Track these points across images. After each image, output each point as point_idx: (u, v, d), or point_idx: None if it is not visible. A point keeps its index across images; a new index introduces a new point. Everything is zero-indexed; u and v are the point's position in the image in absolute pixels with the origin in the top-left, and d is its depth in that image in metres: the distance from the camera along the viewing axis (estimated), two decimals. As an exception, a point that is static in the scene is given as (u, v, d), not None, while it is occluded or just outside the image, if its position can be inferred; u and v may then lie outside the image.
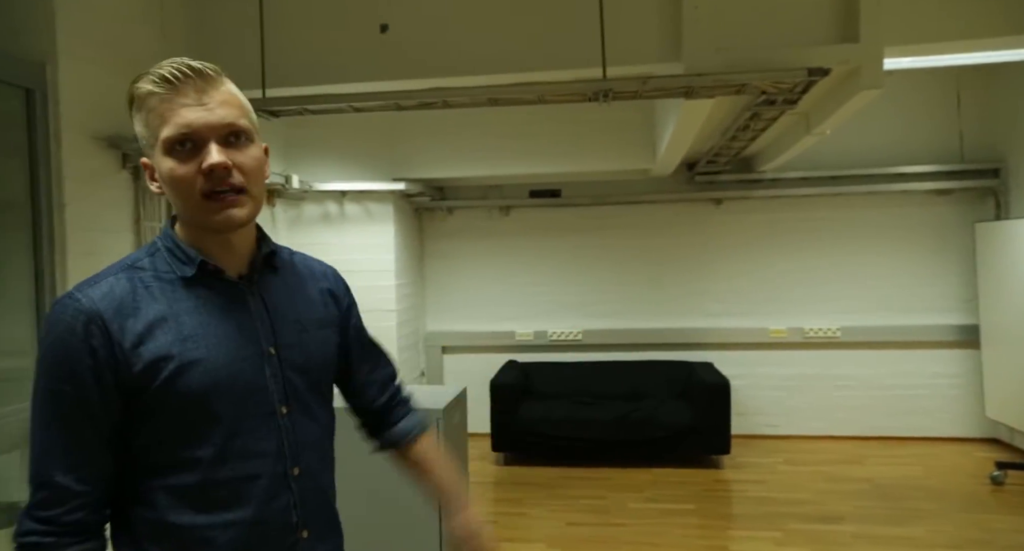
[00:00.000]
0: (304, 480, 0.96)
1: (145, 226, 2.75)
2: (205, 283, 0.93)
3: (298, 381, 0.97)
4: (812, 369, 5.03)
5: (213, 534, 0.88)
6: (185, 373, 0.87)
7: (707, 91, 2.80)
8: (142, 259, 0.93)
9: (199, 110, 0.86)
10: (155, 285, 0.90)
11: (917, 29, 2.85)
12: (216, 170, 0.86)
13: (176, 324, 0.88)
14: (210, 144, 0.87)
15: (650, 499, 3.83)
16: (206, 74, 0.88)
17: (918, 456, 4.45)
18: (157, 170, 0.90)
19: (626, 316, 5.27)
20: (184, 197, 0.88)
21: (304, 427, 0.98)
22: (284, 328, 0.98)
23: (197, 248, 0.93)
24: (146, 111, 0.88)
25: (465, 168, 4.80)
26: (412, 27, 3.01)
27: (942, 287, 4.84)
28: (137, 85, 0.88)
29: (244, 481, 0.90)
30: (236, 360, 0.91)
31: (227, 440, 0.89)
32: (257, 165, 0.92)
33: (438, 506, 1.17)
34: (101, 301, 0.86)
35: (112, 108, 2.57)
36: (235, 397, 0.90)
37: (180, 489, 0.88)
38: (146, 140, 0.90)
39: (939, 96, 4.81)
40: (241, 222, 0.91)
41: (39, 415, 0.86)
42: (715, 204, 5.14)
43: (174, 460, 0.88)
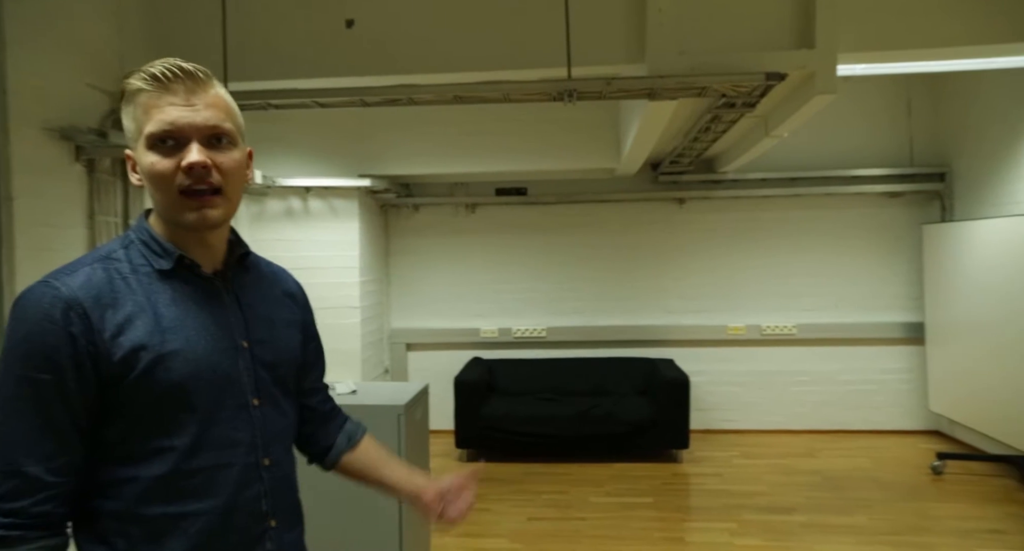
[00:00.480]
0: (274, 470, 0.98)
1: (99, 221, 2.68)
2: (181, 277, 0.94)
3: (267, 376, 1.00)
4: (769, 365, 5.18)
5: (184, 523, 0.89)
6: (164, 363, 0.88)
7: (670, 93, 2.86)
8: (116, 251, 0.93)
9: (185, 110, 0.89)
10: (132, 277, 0.91)
11: (871, 37, 2.96)
12: (195, 168, 0.88)
13: (155, 315, 0.89)
14: (192, 143, 0.89)
15: (610, 493, 3.90)
16: (196, 76, 0.90)
17: (866, 448, 4.63)
18: (139, 163, 0.91)
19: (590, 313, 5.34)
20: (162, 192, 0.90)
21: (273, 420, 1.00)
22: (256, 324, 1.01)
23: (173, 242, 0.94)
24: (134, 106, 0.90)
25: (432, 165, 4.79)
26: (378, 23, 3.00)
27: (892, 286, 5.04)
28: (128, 81, 0.90)
29: (217, 470, 0.91)
30: (214, 352, 0.93)
31: (203, 430, 0.91)
32: (236, 168, 0.94)
33: (407, 492, 1.14)
34: (80, 289, 0.86)
35: (65, 99, 2.50)
36: (212, 387, 0.92)
37: (153, 479, 0.88)
38: (131, 133, 0.92)
39: (891, 102, 4.99)
40: (215, 222, 0.93)
41: (9, 403, 0.84)
42: (678, 204, 5.24)
43: (148, 450, 0.88)
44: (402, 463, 1.20)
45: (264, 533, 0.97)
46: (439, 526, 1.16)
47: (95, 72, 2.68)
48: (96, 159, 2.65)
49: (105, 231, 2.72)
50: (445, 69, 3.00)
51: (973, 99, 4.49)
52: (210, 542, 0.91)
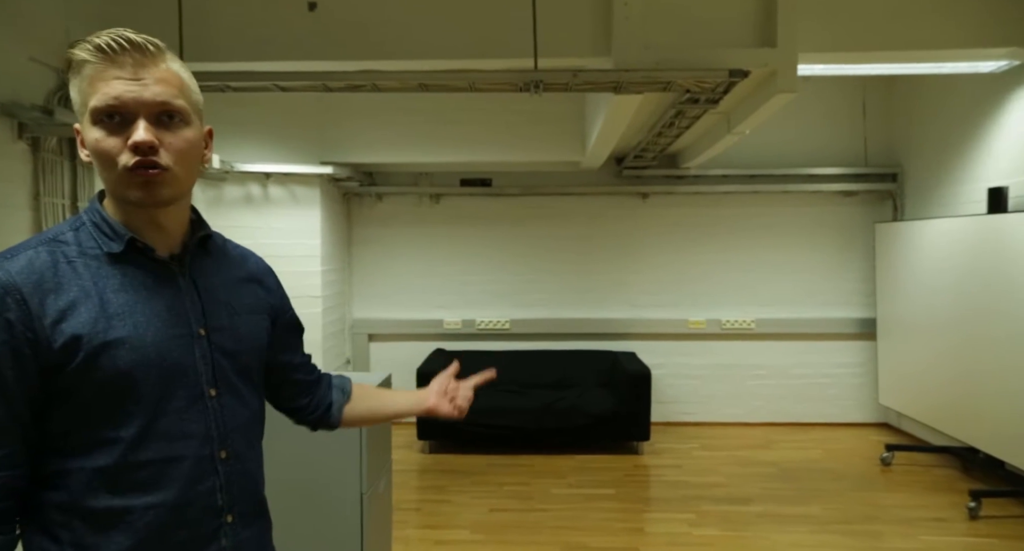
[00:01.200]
0: (231, 463, 0.94)
1: (45, 203, 2.57)
2: (133, 261, 0.90)
3: (227, 364, 0.96)
4: (728, 359, 5.28)
5: (131, 517, 0.85)
6: (109, 351, 0.84)
7: (635, 87, 2.87)
8: (65, 233, 0.89)
9: (132, 84, 0.84)
10: (79, 260, 0.87)
11: (831, 38, 3.03)
12: (140, 147, 0.84)
13: (100, 301, 0.85)
14: (139, 120, 0.84)
15: (572, 485, 3.93)
16: (146, 48, 0.85)
17: (820, 440, 4.77)
18: (84, 138, 0.87)
19: (554, 306, 5.36)
20: (107, 169, 0.86)
21: (233, 411, 0.96)
22: (215, 310, 0.96)
23: (126, 225, 0.90)
24: (80, 78, 0.85)
25: (395, 154, 4.73)
26: (341, 6, 2.93)
27: (846, 283, 5.18)
28: (72, 51, 0.85)
29: (167, 463, 0.88)
30: (164, 340, 0.89)
31: (151, 421, 0.87)
32: (187, 147, 0.89)
33: (413, 411, 1.25)
34: (18, 275, 0.82)
35: (7, 74, 2.38)
36: (161, 377, 0.88)
37: (97, 471, 0.84)
38: (77, 106, 0.87)
39: (848, 103, 5.13)
40: (162, 200, 0.89)
41: None
42: (642, 198, 5.29)
43: (93, 440, 0.84)
44: (392, 391, 1.31)
45: (219, 529, 0.93)
46: (455, 417, 1.26)
47: (40, 46, 2.55)
48: (41, 137, 2.53)
49: (51, 213, 2.60)
50: (410, 56, 2.96)
51: (925, 102, 4.65)
52: (159, 537, 0.87)
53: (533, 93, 2.89)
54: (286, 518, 1.52)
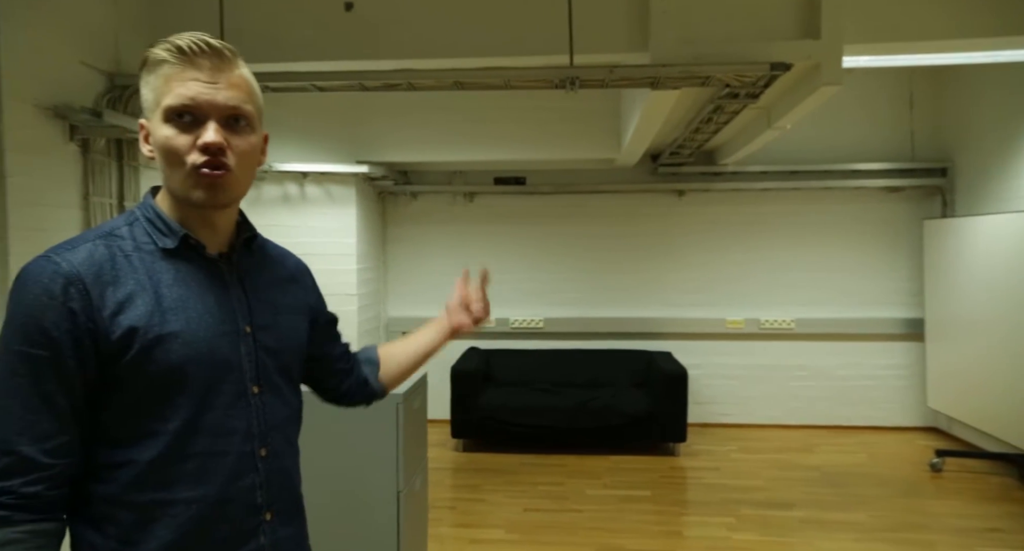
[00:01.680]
0: (271, 461, 0.95)
1: (94, 202, 2.64)
2: (185, 257, 0.92)
3: (270, 362, 0.97)
4: (767, 359, 5.16)
5: (174, 511, 0.86)
6: (163, 344, 0.85)
7: (673, 82, 2.82)
8: (120, 227, 0.91)
9: (207, 87, 0.86)
10: (134, 255, 0.88)
11: (875, 28, 2.92)
12: (211, 148, 0.86)
13: (155, 295, 0.87)
14: (210, 121, 0.87)
15: (607, 486, 3.89)
16: (223, 53, 0.88)
17: (864, 444, 4.63)
18: (153, 135, 0.89)
19: (588, 305, 5.31)
20: (173, 167, 0.88)
21: (274, 408, 0.97)
22: (260, 309, 0.98)
23: (179, 222, 0.92)
24: (155, 76, 0.87)
25: (430, 153, 4.75)
26: (378, 6, 2.95)
27: (891, 282, 5.02)
28: (152, 50, 0.87)
29: (210, 457, 0.88)
30: (214, 335, 0.90)
31: (197, 415, 0.88)
32: (251, 152, 0.92)
33: (440, 340, 1.28)
34: (81, 265, 0.84)
35: (60, 77, 2.45)
36: (210, 372, 0.89)
37: (144, 463, 0.85)
38: (149, 103, 0.89)
39: (893, 96, 4.96)
40: (222, 203, 0.91)
41: (6, 380, 0.81)
42: (678, 195, 5.21)
43: (140, 432, 0.86)
44: (412, 335, 1.29)
45: (258, 527, 0.93)
46: (482, 322, 1.31)
47: (91, 51, 2.63)
48: (91, 139, 2.60)
49: (100, 212, 2.67)
50: (446, 54, 2.96)
51: (976, 93, 4.46)
52: (200, 532, 0.88)
53: (569, 90, 2.86)
54: (323, 516, 1.54)
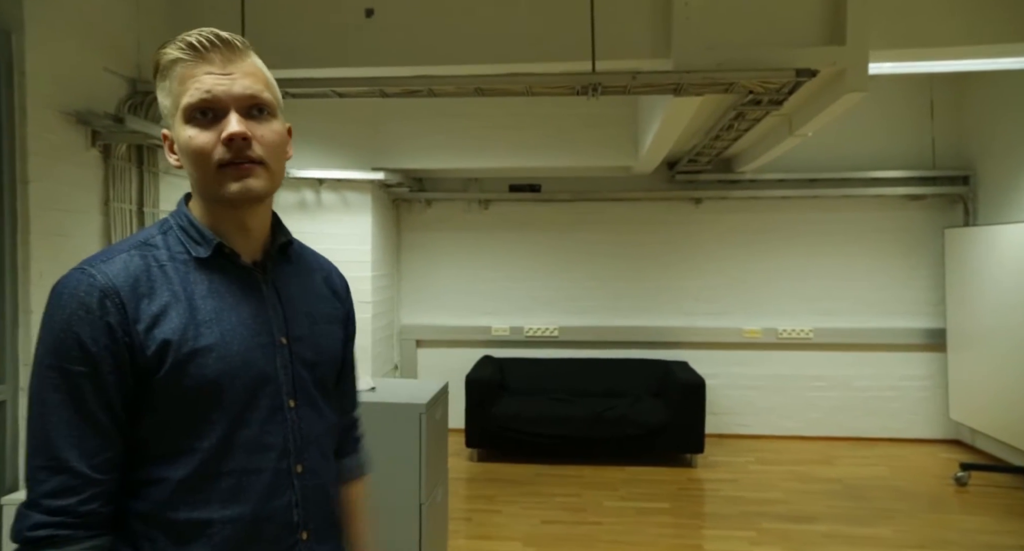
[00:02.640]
0: (307, 478, 0.91)
1: (114, 208, 2.63)
2: (219, 266, 0.88)
3: (306, 375, 0.93)
4: (784, 370, 5.09)
5: (211, 530, 0.83)
6: (197, 358, 0.82)
7: (696, 88, 2.79)
8: (154, 236, 0.88)
9: (222, 79, 0.83)
10: (169, 265, 0.86)
11: (898, 34, 2.89)
12: (235, 140, 0.83)
13: (190, 307, 0.84)
14: (231, 114, 0.84)
15: (625, 497, 3.83)
16: (233, 45, 0.85)
17: (885, 457, 4.54)
18: (176, 140, 0.86)
19: (603, 313, 5.27)
20: (200, 166, 0.84)
21: (310, 423, 0.93)
22: (296, 319, 0.94)
23: (212, 229, 0.89)
24: (170, 79, 0.85)
25: (446, 160, 4.74)
26: (398, 13, 2.94)
27: (912, 291, 4.94)
28: (164, 51, 0.85)
29: (246, 475, 0.85)
30: (250, 348, 0.87)
31: (232, 431, 0.84)
32: (278, 140, 0.88)
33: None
34: (116, 277, 0.81)
35: (82, 83, 2.45)
36: (246, 386, 0.85)
37: (178, 481, 0.82)
38: (168, 109, 0.87)
39: (913, 103, 4.90)
40: (257, 195, 0.86)
41: (48, 397, 0.78)
42: (694, 203, 5.17)
43: (175, 449, 0.83)
44: (364, 530, 1.13)
45: (294, 546, 0.89)
46: None
47: (113, 57, 2.63)
48: (112, 145, 2.60)
49: (120, 218, 2.67)
50: (466, 61, 2.94)
51: (999, 101, 4.40)
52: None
53: (591, 96, 2.84)
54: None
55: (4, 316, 2.14)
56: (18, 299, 2.17)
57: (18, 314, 2.17)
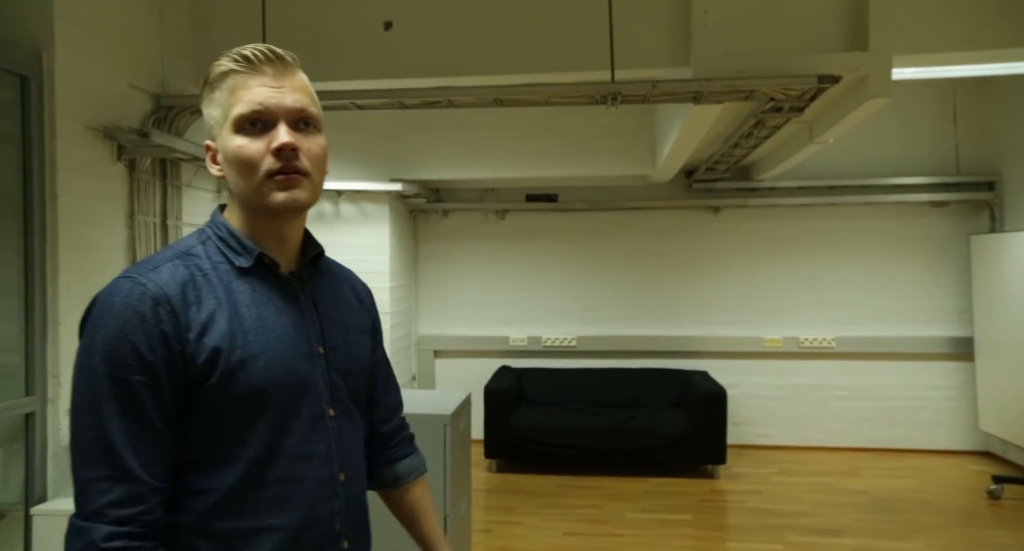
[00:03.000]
0: (349, 486, 0.92)
1: (139, 221, 2.66)
2: (259, 276, 0.89)
3: (341, 384, 0.94)
4: (806, 379, 5.02)
5: (258, 539, 0.83)
6: (246, 366, 0.82)
7: (716, 96, 2.78)
8: (195, 246, 0.89)
9: (274, 91, 0.86)
10: (212, 274, 0.86)
11: (923, 39, 2.86)
12: (284, 150, 0.84)
13: (236, 315, 0.85)
14: (280, 124, 0.86)
15: (647, 509, 3.78)
16: (285, 60, 0.88)
17: (913, 468, 4.45)
18: (222, 150, 0.88)
19: (621, 323, 5.23)
20: (248, 176, 0.86)
21: (347, 431, 0.94)
22: (331, 329, 0.95)
23: (251, 239, 0.90)
24: (221, 90, 0.87)
25: (463, 170, 4.75)
26: (417, 25, 2.96)
27: (937, 299, 4.86)
28: (217, 63, 0.87)
29: (290, 483, 0.85)
30: (293, 356, 0.87)
31: (277, 439, 0.84)
32: (322, 154, 0.90)
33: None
34: (166, 286, 0.82)
35: (108, 98, 2.49)
36: (290, 395, 0.86)
37: (223, 491, 0.82)
38: (216, 120, 0.88)
39: (936, 108, 4.84)
40: (301, 205, 0.88)
41: (106, 407, 0.77)
42: (712, 212, 5.13)
43: (219, 458, 0.82)
44: (437, 524, 1.13)
45: None
46: None
47: (137, 73, 2.67)
48: (137, 159, 2.63)
49: (144, 231, 2.70)
50: (484, 72, 2.95)
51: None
52: None
53: (610, 106, 2.84)
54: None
55: (33, 328, 2.16)
56: (47, 312, 2.19)
57: (47, 326, 2.19)
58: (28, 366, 2.16)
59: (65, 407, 2.23)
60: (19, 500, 2.16)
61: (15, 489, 2.18)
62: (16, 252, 2.16)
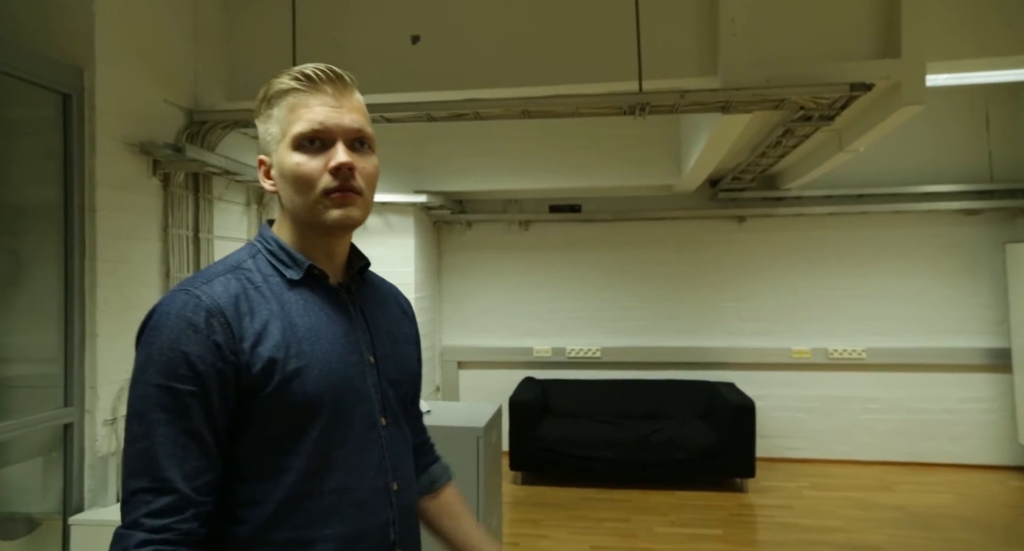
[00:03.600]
0: (402, 496, 0.92)
1: (172, 234, 2.71)
2: (309, 287, 0.91)
3: (392, 393, 0.95)
4: (836, 391, 4.93)
5: (313, 549, 0.83)
6: (301, 376, 0.83)
7: (745, 106, 2.76)
8: (245, 260, 0.90)
9: (334, 111, 0.88)
10: (264, 286, 0.87)
11: (956, 45, 2.81)
12: (342, 169, 0.86)
13: (289, 325, 0.86)
14: (338, 144, 0.87)
15: (675, 523, 3.72)
16: (344, 80, 0.90)
17: (949, 483, 4.33)
18: (279, 166, 0.89)
19: (646, 334, 5.19)
20: (304, 192, 0.87)
21: (399, 441, 0.94)
22: (380, 339, 0.96)
23: (300, 251, 0.91)
24: (280, 107, 0.89)
25: (486, 181, 4.77)
26: (444, 38, 2.99)
27: (971, 309, 4.75)
28: (278, 80, 0.89)
29: (345, 493, 0.85)
30: (346, 366, 0.88)
31: (331, 449, 0.85)
32: (375, 173, 0.93)
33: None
34: (220, 298, 0.83)
35: (145, 114, 2.54)
36: (345, 405, 0.87)
37: (278, 501, 0.82)
38: (272, 136, 0.90)
39: (967, 115, 4.76)
40: (354, 222, 0.90)
41: (155, 416, 0.78)
42: (738, 221, 5.08)
43: (274, 468, 0.83)
44: (477, 525, 1.11)
45: None
46: None
47: (172, 89, 2.73)
48: (171, 173, 2.68)
49: (177, 244, 2.74)
50: (512, 84, 2.97)
51: (1061, 112, 4.24)
52: None
53: (638, 116, 2.83)
54: None
55: (72, 341, 2.20)
56: (85, 324, 2.23)
57: (84, 338, 2.23)
58: (67, 377, 2.20)
59: (102, 418, 2.27)
60: (57, 509, 2.19)
61: (53, 499, 2.21)
62: (57, 265, 2.21)
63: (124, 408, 2.35)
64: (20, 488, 2.24)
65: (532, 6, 2.92)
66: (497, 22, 2.95)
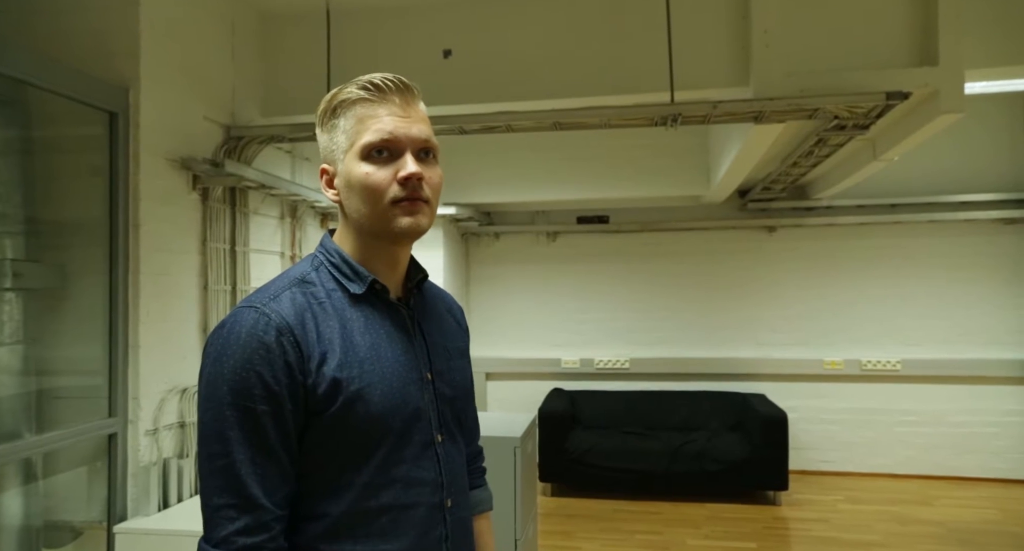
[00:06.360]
0: (456, 512, 0.92)
1: (210, 248, 2.76)
2: (371, 302, 0.91)
3: (447, 410, 0.95)
4: (870, 403, 4.83)
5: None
6: (364, 396, 0.84)
7: (778, 116, 2.74)
8: (309, 273, 0.91)
9: (402, 121, 0.88)
10: (327, 302, 0.88)
11: (995, 51, 2.77)
12: (411, 180, 0.86)
13: (352, 344, 0.86)
14: (407, 154, 0.88)
15: (709, 535, 3.67)
16: (411, 89, 0.90)
17: (993, 499, 4.21)
18: (345, 176, 0.89)
19: (675, 345, 5.15)
20: (372, 202, 0.87)
21: (454, 457, 0.94)
22: (436, 354, 0.96)
23: (363, 264, 0.91)
24: (346, 117, 0.89)
25: (514, 193, 4.78)
26: (476, 52, 3.02)
27: (1013, 320, 4.63)
28: (345, 90, 0.89)
29: (402, 509, 0.86)
30: (406, 384, 0.89)
31: (389, 467, 0.85)
32: (440, 184, 0.93)
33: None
34: (289, 316, 0.83)
35: (185, 131, 2.61)
36: (404, 422, 0.87)
37: (336, 517, 0.83)
38: (338, 145, 0.90)
39: (1004, 122, 4.67)
40: (423, 230, 0.90)
41: (233, 435, 0.79)
42: (768, 231, 5.03)
43: (334, 484, 0.84)
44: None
45: None
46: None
47: (211, 106, 2.79)
48: (210, 188, 2.74)
49: (215, 258, 2.79)
50: (544, 96, 2.98)
51: (1103, 117, 4.14)
52: None
53: (669, 127, 2.82)
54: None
55: (116, 352, 2.25)
56: (128, 336, 2.28)
57: (128, 350, 2.28)
58: (111, 388, 2.25)
59: (144, 428, 2.31)
60: (101, 518, 2.24)
61: (98, 507, 2.25)
62: (101, 279, 2.27)
63: (165, 418, 2.41)
64: (66, 497, 2.29)
65: (563, 19, 2.94)
66: (527, 35, 2.98)
